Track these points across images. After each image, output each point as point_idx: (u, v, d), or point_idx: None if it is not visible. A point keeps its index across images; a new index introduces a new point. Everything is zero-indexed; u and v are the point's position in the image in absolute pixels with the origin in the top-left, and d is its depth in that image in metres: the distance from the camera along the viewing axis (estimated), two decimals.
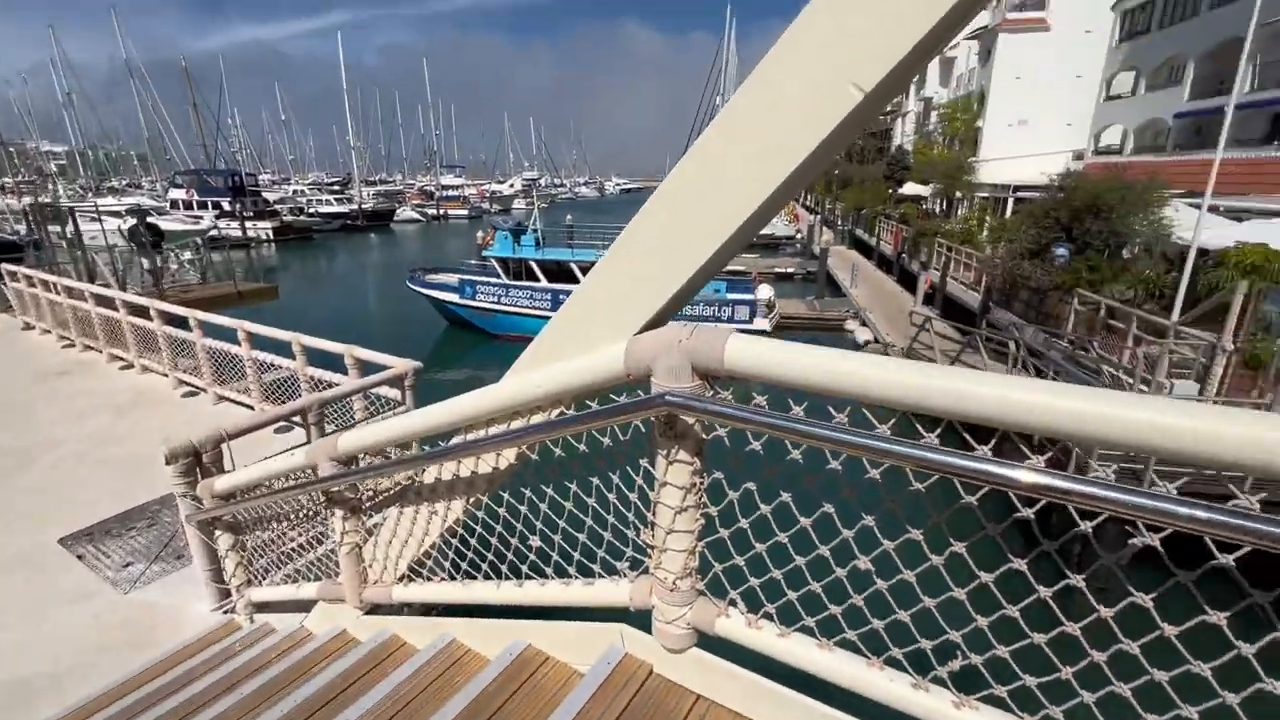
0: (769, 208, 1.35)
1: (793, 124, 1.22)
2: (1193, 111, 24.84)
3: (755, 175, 1.30)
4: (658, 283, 1.50)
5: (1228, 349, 8.68)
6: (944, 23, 1.05)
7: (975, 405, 1.05)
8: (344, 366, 5.25)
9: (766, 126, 1.25)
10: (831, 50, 1.14)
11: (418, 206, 67.35)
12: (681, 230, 1.44)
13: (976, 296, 17.87)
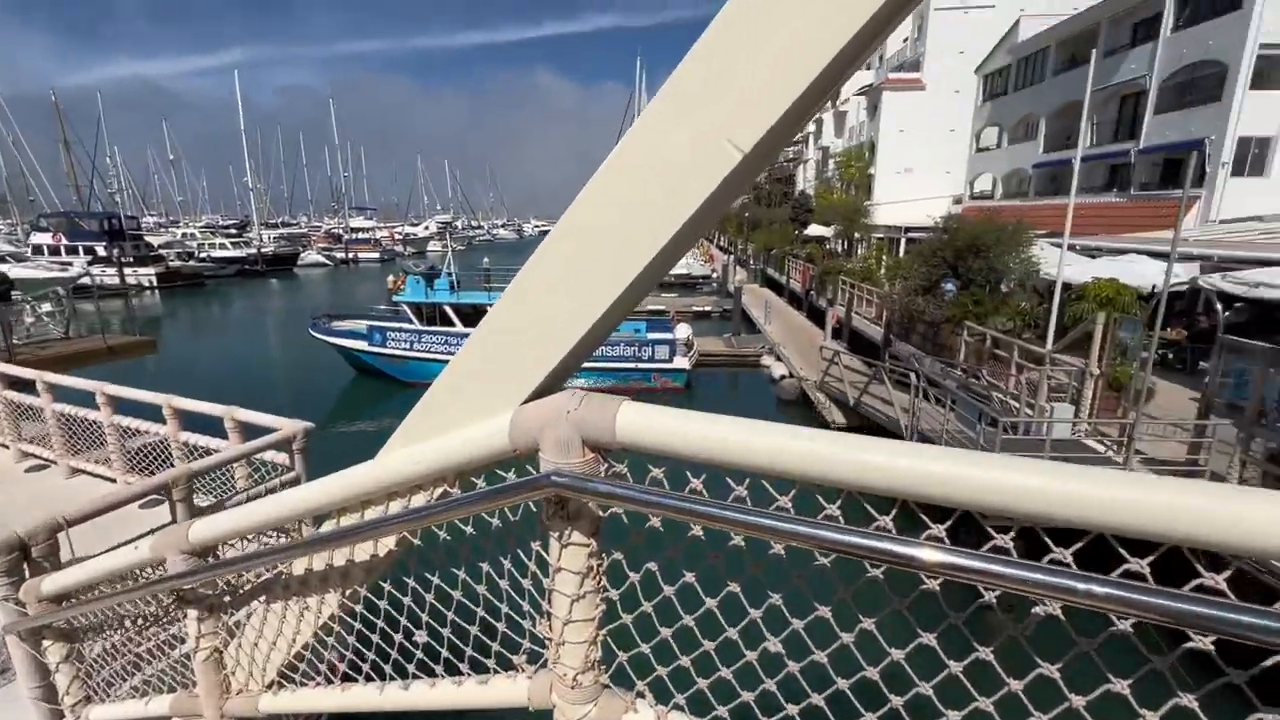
0: (659, 266, 1.28)
1: (674, 184, 1.16)
2: (1047, 162, 28.20)
3: (640, 234, 1.23)
4: (546, 346, 1.39)
5: (1095, 373, 9.61)
6: (820, 82, 1.03)
7: (882, 478, 0.99)
8: (225, 430, 4.73)
9: (647, 186, 1.19)
10: (709, 109, 1.10)
11: (324, 250, 64.34)
12: (568, 291, 1.34)
13: (879, 330, 19.02)
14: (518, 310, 1.36)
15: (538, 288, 1.33)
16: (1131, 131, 23.35)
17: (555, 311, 1.32)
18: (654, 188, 1.14)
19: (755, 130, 1.05)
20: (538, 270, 1.31)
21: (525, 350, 1.36)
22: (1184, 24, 20.89)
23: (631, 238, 1.20)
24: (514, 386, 1.37)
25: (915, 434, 10.14)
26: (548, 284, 1.31)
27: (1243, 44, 18.65)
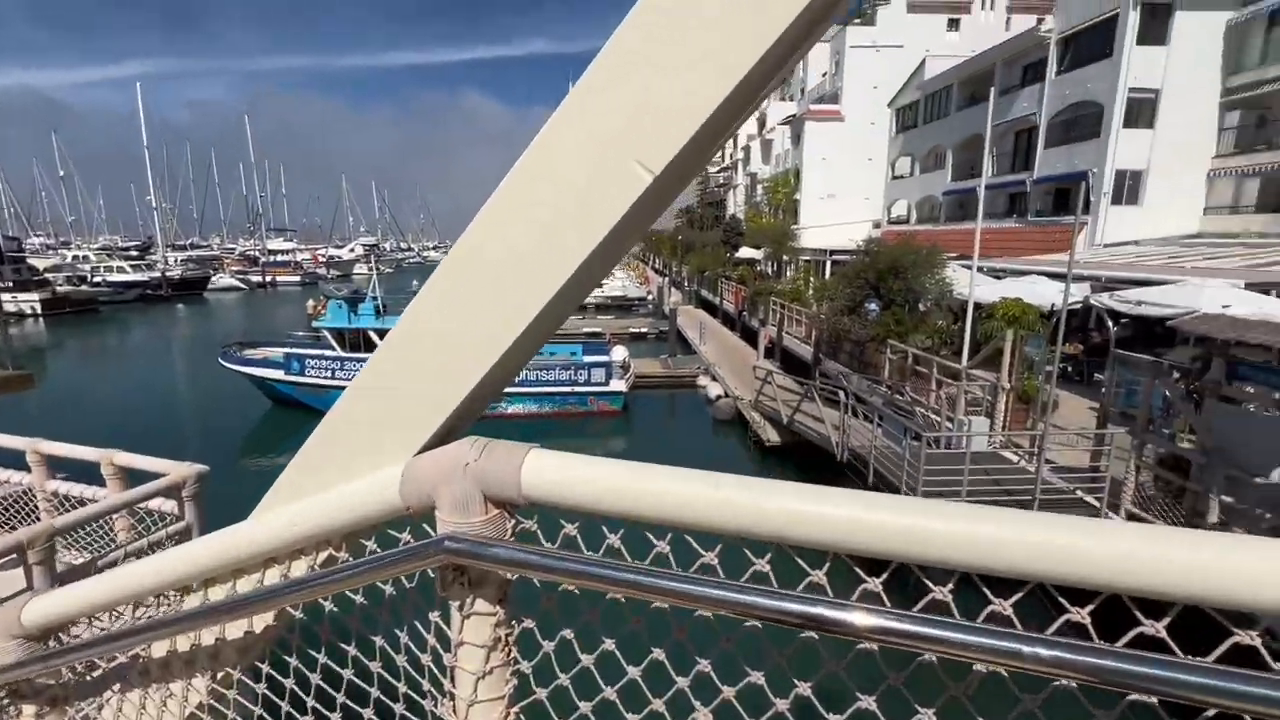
0: (570, 294, 1.16)
1: (580, 207, 1.05)
2: (955, 190, 30.30)
3: (546, 261, 1.11)
4: (443, 387, 1.23)
5: (1006, 387, 10.20)
6: (732, 103, 0.94)
7: (814, 530, 0.90)
8: (104, 477, 4.20)
9: (551, 209, 1.07)
10: (615, 127, 0.99)
11: (239, 273, 60.55)
12: (467, 325, 1.20)
13: (809, 349, 19.64)
14: (410, 347, 1.20)
15: (432, 321, 1.18)
16: (1026, 163, 25.46)
17: (453, 348, 1.17)
18: (559, 211, 1.03)
19: (665, 152, 0.96)
20: (432, 302, 1.17)
21: (419, 392, 1.21)
22: (1066, 68, 23.10)
23: (536, 265, 1.08)
24: (406, 434, 1.21)
25: (846, 450, 10.42)
26: (443, 317, 1.17)
27: (1115, 88, 20.79)
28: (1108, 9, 20.94)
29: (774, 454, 14.12)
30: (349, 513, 1.22)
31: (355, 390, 1.25)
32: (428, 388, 1.19)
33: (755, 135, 54.33)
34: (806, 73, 46.53)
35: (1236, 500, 6.51)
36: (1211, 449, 6.70)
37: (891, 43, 38.62)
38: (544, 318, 1.16)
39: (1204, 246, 18.60)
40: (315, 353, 17.91)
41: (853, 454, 10.27)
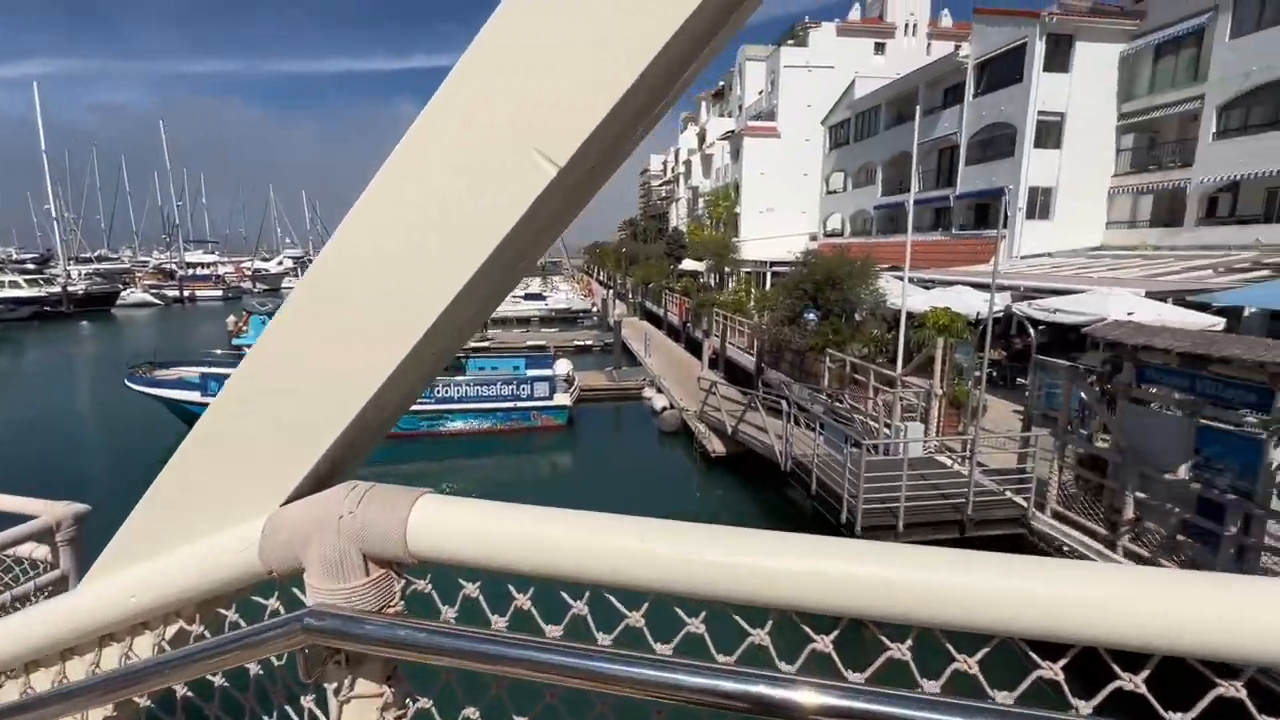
0: (467, 307, 0.98)
1: (473, 203, 0.88)
2: (885, 205, 31.69)
3: (437, 269, 0.93)
4: (315, 423, 1.03)
5: (938, 393, 10.57)
6: (643, 87, 0.80)
7: (754, 586, 0.77)
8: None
9: (437, 206, 0.90)
10: (509, 111, 0.83)
11: (153, 288, 56.47)
12: (344, 347, 1.00)
13: (752, 359, 19.92)
14: (273, 375, 1.00)
15: (298, 345, 0.99)
16: (950, 179, 26.90)
17: (324, 376, 0.98)
18: (447, 211, 0.87)
19: (570, 140, 0.81)
20: (296, 322, 0.97)
21: (285, 429, 1.01)
22: (982, 91, 24.61)
23: (420, 275, 0.90)
24: (270, 481, 1.00)
25: (789, 459, 10.52)
26: (312, 340, 0.98)
27: (1025, 111, 22.28)
28: (1017, 38, 22.48)
29: (719, 464, 14.16)
30: (201, 578, 1.01)
31: (208, 426, 1.03)
32: (295, 423, 0.99)
33: (696, 150, 55.34)
34: (744, 90, 47.83)
35: (1149, 496, 6.91)
36: (1125, 448, 7.10)
37: (823, 63, 40.20)
38: (437, 334, 0.97)
39: (1108, 258, 20.09)
40: (229, 371, 16.77)
41: (796, 463, 10.39)
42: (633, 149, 1.04)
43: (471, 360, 20.52)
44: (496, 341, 30.16)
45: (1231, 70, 17.98)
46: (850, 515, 8.12)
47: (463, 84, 0.82)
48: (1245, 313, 12.71)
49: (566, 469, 15.70)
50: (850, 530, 8.12)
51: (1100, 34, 21.75)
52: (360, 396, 1.00)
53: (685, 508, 12.98)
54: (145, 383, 17.07)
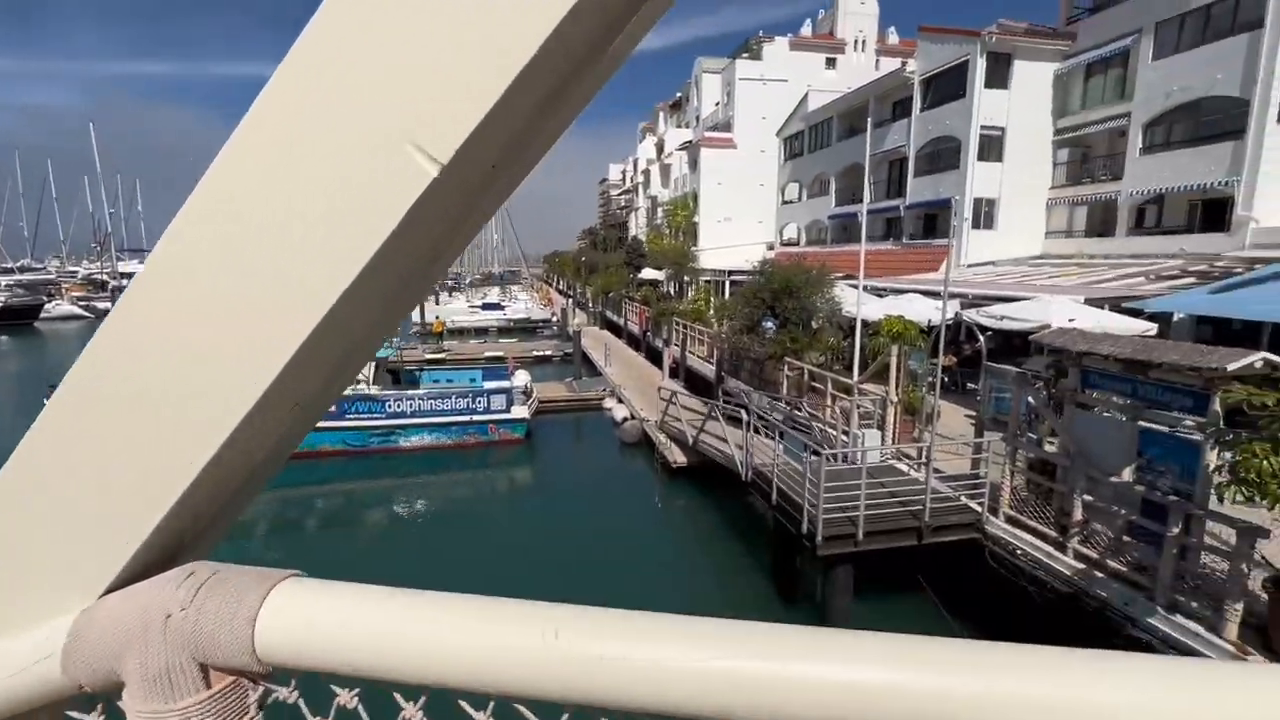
0: (346, 331, 0.77)
1: (337, 207, 0.67)
2: (839, 215, 32.43)
3: (290, 291, 0.72)
4: (147, 485, 0.80)
5: (894, 401, 10.71)
6: (533, 77, 0.62)
7: (708, 697, 0.58)
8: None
9: (289, 211, 0.69)
10: (374, 98, 0.63)
11: (81, 299, 53.22)
12: (173, 391, 0.77)
13: (711, 367, 19.96)
14: (90, 422, 0.78)
15: (124, 380, 0.77)
16: (900, 190, 27.71)
17: (160, 422, 0.76)
18: (305, 211, 0.67)
19: (453, 134, 0.62)
20: (122, 350, 0.76)
21: (106, 494, 0.78)
22: (928, 106, 25.49)
23: (266, 299, 0.70)
24: (83, 565, 0.77)
25: (750, 470, 10.48)
26: (142, 375, 0.76)
27: (969, 125, 23.16)
28: (960, 55, 23.39)
29: (681, 475, 14.05)
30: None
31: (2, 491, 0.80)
32: (119, 486, 0.77)
33: (654, 160, 55.71)
34: (701, 102, 48.42)
35: (1096, 498, 7.10)
36: (1073, 452, 7.29)
37: (777, 77, 41.05)
38: (299, 373, 0.76)
39: (1048, 266, 20.96)
40: None
41: (756, 473, 10.35)
42: (547, 146, 0.86)
43: (426, 373, 19.93)
44: (453, 353, 29.47)
45: (1155, 90, 19.09)
46: (811, 525, 8.09)
47: (315, 62, 0.63)
48: (1175, 318, 13.38)
49: (525, 484, 15.33)
50: (811, 541, 8.09)
51: (1036, 53, 22.81)
52: (204, 450, 0.78)
53: (645, 520, 12.81)
54: None
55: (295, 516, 13.58)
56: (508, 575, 10.47)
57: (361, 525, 13.01)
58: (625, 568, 10.70)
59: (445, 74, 0.59)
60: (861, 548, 8.03)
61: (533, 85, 0.60)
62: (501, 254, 66.41)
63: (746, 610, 9.73)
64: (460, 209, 0.74)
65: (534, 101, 0.63)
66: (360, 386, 16.18)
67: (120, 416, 0.75)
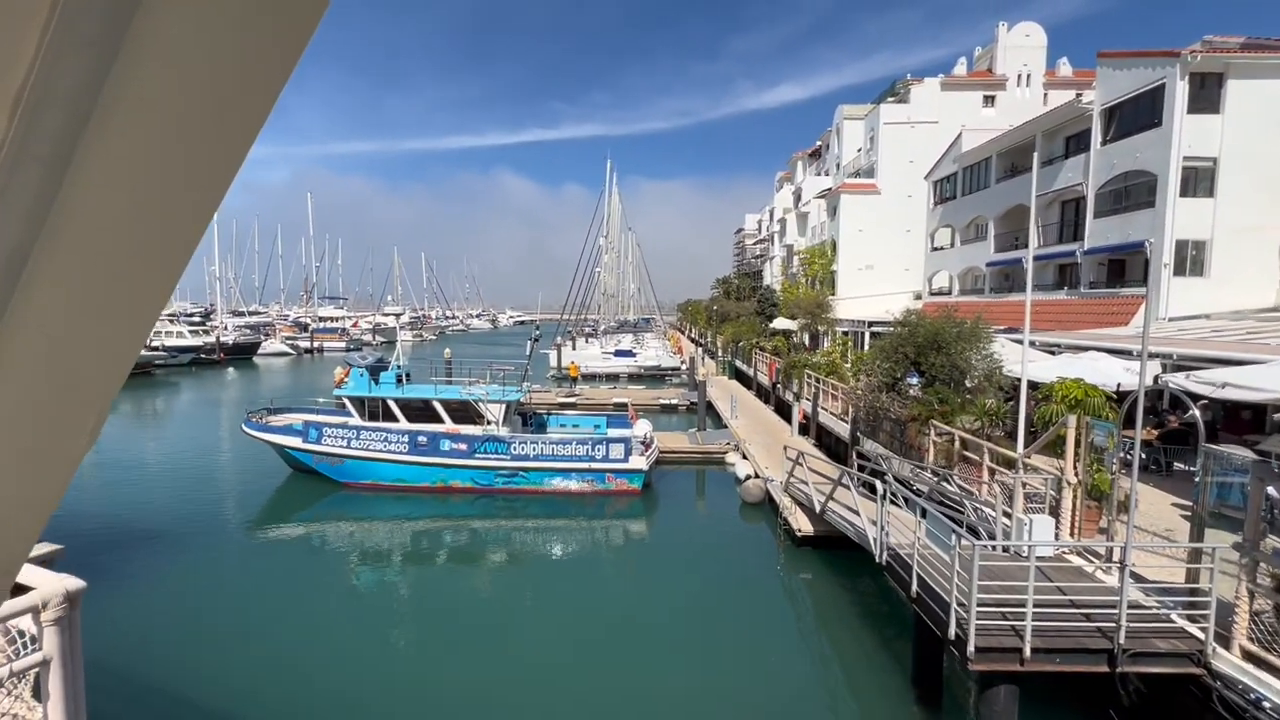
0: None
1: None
2: (999, 261, 29.19)
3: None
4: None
5: (1071, 481, 8.86)
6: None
7: None
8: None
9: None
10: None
11: (288, 339, 63.00)
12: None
13: (845, 425, 18.36)
14: None
15: None
16: (1075, 233, 24.33)
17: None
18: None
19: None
20: None
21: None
22: (1112, 138, 22.34)
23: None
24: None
25: (885, 550, 9.13)
26: None
27: (1167, 157, 19.84)
28: (1153, 80, 20.34)
29: (806, 544, 12.75)
30: None
31: None
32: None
33: (791, 209, 54.78)
34: (841, 149, 47.09)
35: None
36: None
37: (926, 119, 38.83)
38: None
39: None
40: (333, 420, 17.66)
41: (893, 554, 8.98)
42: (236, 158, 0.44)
43: (554, 416, 20.47)
44: (583, 398, 30.25)
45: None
46: (960, 630, 6.69)
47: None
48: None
49: (639, 538, 14.82)
50: (960, 649, 6.67)
51: (1258, 70, 19.19)
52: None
53: (764, 592, 11.67)
54: (258, 428, 18.33)
55: (427, 548, 14.24)
56: (612, 635, 9.94)
57: (481, 563, 13.26)
58: (740, 642, 9.71)
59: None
60: (1030, 667, 6.45)
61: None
62: (638, 301, 68.36)
63: (880, 717, 8.28)
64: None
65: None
66: (490, 427, 16.91)
67: None
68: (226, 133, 0.39)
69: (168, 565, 12.44)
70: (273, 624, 10.30)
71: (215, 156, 0.40)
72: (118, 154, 0.36)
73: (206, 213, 0.42)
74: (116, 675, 8.44)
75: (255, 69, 0.37)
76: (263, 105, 0.39)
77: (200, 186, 0.41)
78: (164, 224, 0.42)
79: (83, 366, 0.45)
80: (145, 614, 10.44)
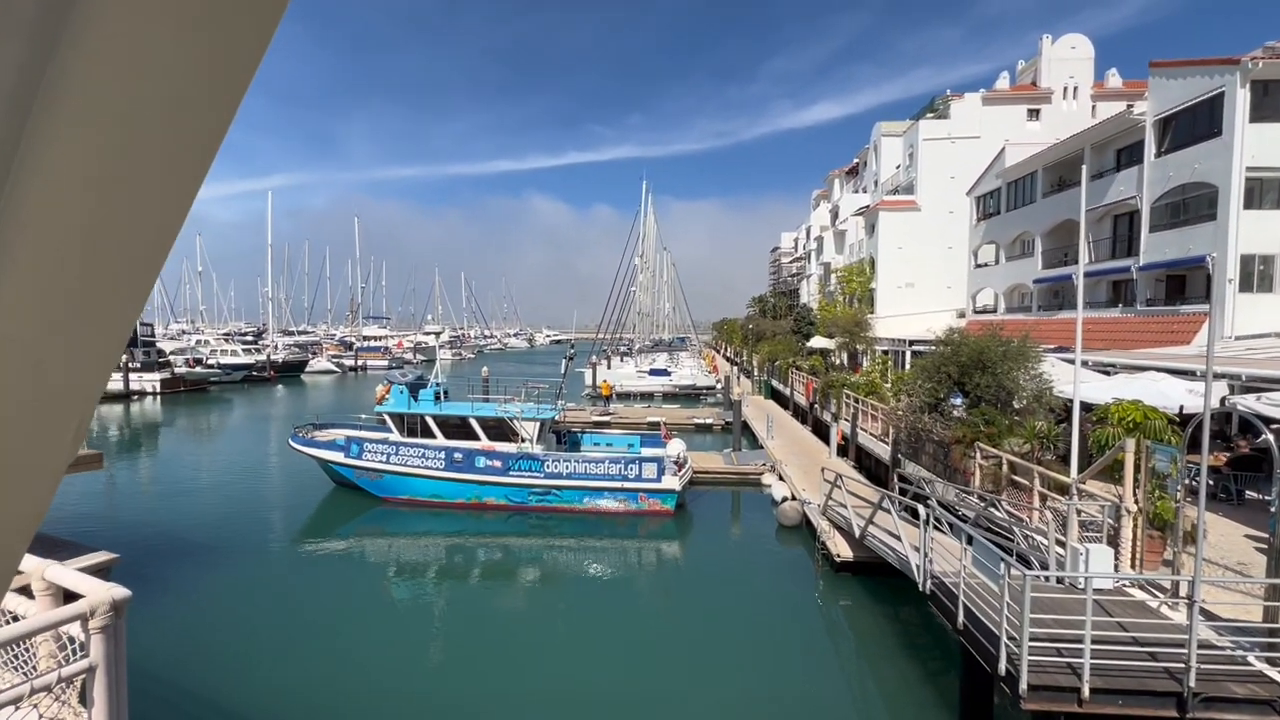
0: None
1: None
2: (1047, 278, 28.17)
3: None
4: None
5: (1131, 509, 8.36)
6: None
7: None
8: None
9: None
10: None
11: (334, 357, 65.17)
12: None
13: (886, 447, 17.82)
14: None
15: None
16: (1130, 248, 23.33)
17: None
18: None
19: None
20: None
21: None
22: (1167, 150, 21.44)
23: None
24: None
25: (929, 578, 8.74)
26: None
27: (1229, 168, 18.91)
28: (1211, 89, 19.49)
29: (846, 569, 12.33)
30: None
31: None
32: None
33: (828, 226, 54.21)
34: (879, 165, 46.52)
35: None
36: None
37: (967, 134, 38.09)
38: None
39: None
40: (373, 436, 18.06)
41: (937, 583, 8.59)
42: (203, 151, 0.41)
43: (588, 435, 20.48)
44: (617, 416, 30.24)
45: None
46: (1012, 666, 6.31)
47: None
48: None
49: (672, 560, 14.60)
50: (1012, 686, 6.29)
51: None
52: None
53: (802, 618, 11.31)
54: (303, 443, 18.89)
55: (461, 564, 14.33)
56: (644, 658, 9.75)
57: (513, 580, 13.25)
58: (777, 670, 9.40)
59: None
60: (1089, 709, 6.03)
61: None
62: (673, 320, 68.41)
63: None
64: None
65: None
66: (525, 445, 17.02)
67: None
68: (187, 133, 0.37)
69: (213, 576, 12.83)
70: (310, 636, 10.47)
71: (176, 158, 0.38)
72: (66, 156, 0.34)
73: (174, 217, 0.41)
74: (159, 682, 8.69)
75: (215, 69, 0.35)
76: (224, 111, 0.37)
77: (163, 190, 0.39)
78: (129, 229, 0.41)
79: (57, 377, 0.44)
80: (189, 623, 10.76)
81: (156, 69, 0.34)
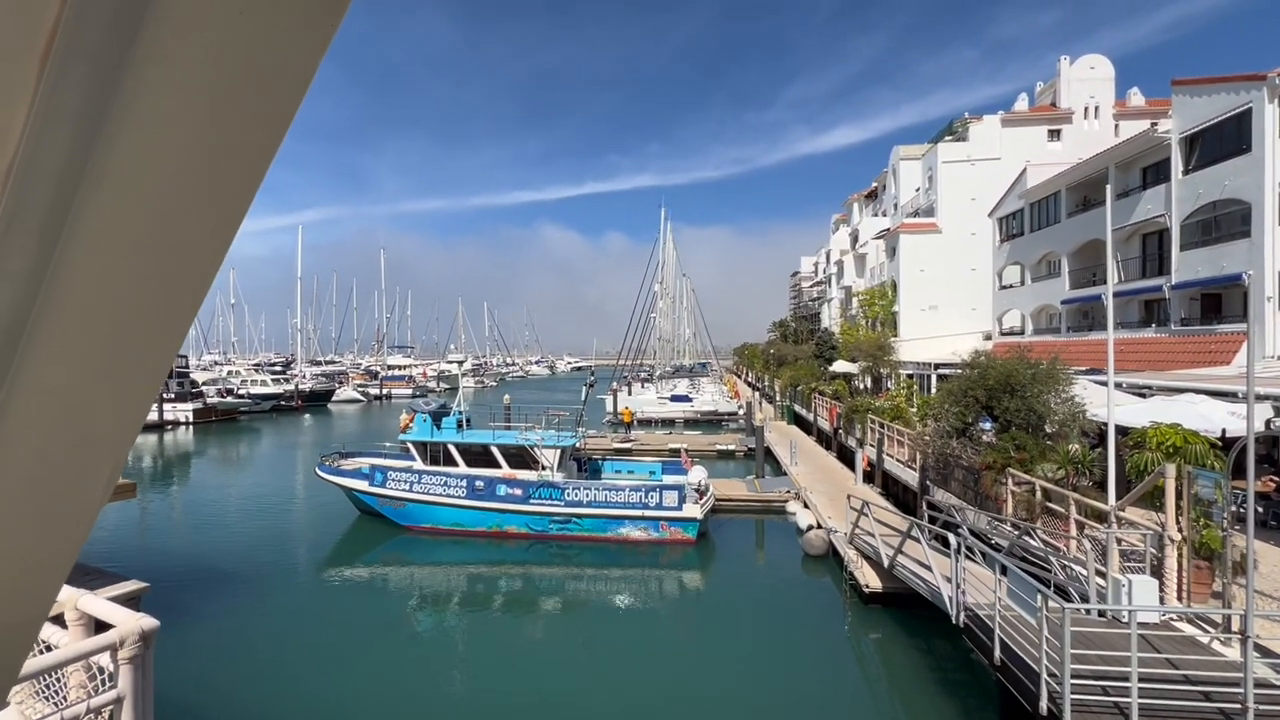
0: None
1: None
2: (1076, 299, 27.63)
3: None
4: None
5: (1174, 538, 8.01)
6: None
7: None
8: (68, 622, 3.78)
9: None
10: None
11: (360, 386, 66.27)
12: None
13: (913, 473, 17.42)
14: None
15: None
16: (1161, 267, 22.82)
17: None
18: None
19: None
20: None
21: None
22: (1195, 167, 21.08)
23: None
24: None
25: (961, 610, 8.44)
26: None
27: (1262, 184, 18.50)
28: (1237, 105, 19.21)
29: (875, 603, 11.96)
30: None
31: None
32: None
33: (848, 250, 54.08)
34: (898, 189, 46.48)
35: None
36: None
37: (987, 156, 37.97)
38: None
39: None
40: (397, 464, 18.23)
41: (971, 615, 8.28)
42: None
43: (609, 462, 20.40)
44: (639, 443, 30.12)
45: None
46: (1054, 705, 6.02)
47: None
48: None
49: (694, 590, 14.32)
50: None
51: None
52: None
53: (830, 652, 10.96)
54: (330, 471, 19.13)
55: (483, 593, 14.25)
56: (665, 692, 9.51)
57: (534, 610, 13.12)
58: (805, 708, 9.08)
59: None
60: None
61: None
62: (693, 347, 68.39)
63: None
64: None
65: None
66: (545, 473, 17.01)
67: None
68: (226, 188, 0.40)
69: (239, 604, 12.93)
70: (332, 666, 10.45)
71: (215, 213, 0.41)
72: (112, 221, 0.37)
73: (210, 265, 0.43)
74: (185, 713, 8.71)
75: (243, 143, 0.38)
76: (253, 177, 0.40)
77: (202, 242, 0.42)
78: (170, 282, 0.43)
79: (95, 422, 0.46)
80: (215, 652, 10.82)
81: (196, 141, 0.37)
